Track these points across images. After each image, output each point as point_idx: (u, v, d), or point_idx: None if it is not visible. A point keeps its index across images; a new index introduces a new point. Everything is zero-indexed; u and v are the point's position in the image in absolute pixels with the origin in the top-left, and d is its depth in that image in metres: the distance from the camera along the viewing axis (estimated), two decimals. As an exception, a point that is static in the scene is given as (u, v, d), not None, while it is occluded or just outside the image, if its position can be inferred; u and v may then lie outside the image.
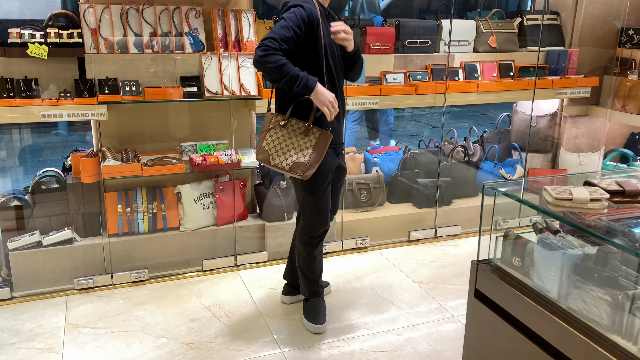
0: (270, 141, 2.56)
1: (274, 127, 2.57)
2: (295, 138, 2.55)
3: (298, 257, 2.88)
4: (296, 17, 2.44)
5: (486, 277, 1.95)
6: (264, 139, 2.58)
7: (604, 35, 4.37)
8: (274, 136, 2.56)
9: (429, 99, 3.92)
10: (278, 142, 2.56)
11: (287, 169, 2.54)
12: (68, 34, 3.07)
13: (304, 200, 2.75)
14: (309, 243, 2.81)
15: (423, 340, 2.82)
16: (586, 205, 1.71)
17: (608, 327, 1.58)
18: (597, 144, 4.55)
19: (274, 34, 2.39)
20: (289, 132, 2.56)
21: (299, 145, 2.54)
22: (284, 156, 2.54)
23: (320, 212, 2.75)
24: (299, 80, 2.41)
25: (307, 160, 2.52)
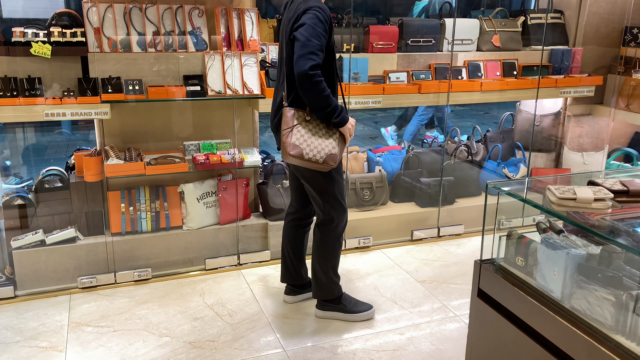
0: (300, 136, 2.55)
1: (299, 123, 2.56)
2: (321, 131, 2.57)
3: (326, 257, 2.85)
4: (322, 23, 2.46)
5: (489, 277, 1.95)
6: (291, 135, 2.56)
7: (608, 34, 4.35)
8: (302, 131, 2.56)
9: (432, 98, 3.91)
10: (308, 136, 2.56)
11: (322, 161, 2.56)
12: (71, 33, 3.07)
13: (327, 194, 2.74)
14: (339, 235, 2.85)
15: (426, 340, 2.82)
16: (590, 205, 1.70)
17: (612, 327, 1.57)
18: (600, 143, 4.53)
19: (314, 47, 2.40)
20: (314, 126, 2.57)
21: (327, 137, 2.57)
22: (317, 149, 2.55)
23: (343, 200, 2.81)
24: (337, 111, 2.52)
25: (338, 151, 2.59)
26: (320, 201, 2.77)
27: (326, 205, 2.77)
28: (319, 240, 2.85)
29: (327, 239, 2.83)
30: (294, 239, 3.01)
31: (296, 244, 3.02)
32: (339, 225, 2.83)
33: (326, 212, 2.78)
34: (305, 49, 2.40)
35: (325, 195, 2.74)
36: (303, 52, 2.39)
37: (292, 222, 3.01)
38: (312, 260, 2.90)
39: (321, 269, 2.87)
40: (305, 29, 2.42)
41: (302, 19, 2.46)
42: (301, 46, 2.40)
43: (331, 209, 2.78)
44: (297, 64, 2.40)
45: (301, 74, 2.39)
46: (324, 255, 2.85)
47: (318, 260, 2.86)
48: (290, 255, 3.03)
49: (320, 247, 2.85)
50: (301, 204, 2.97)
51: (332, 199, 2.76)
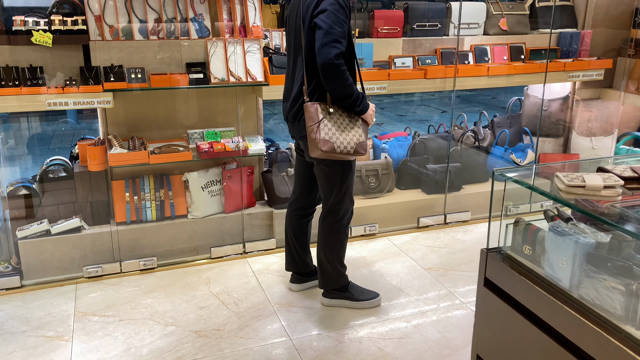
0: (328, 130, 2.51)
1: (325, 116, 2.52)
2: (345, 122, 2.55)
3: (333, 247, 2.83)
4: (343, 9, 2.43)
5: (496, 266, 1.92)
6: (319, 130, 2.50)
7: (618, 16, 4.27)
8: (329, 125, 2.52)
9: (439, 84, 3.86)
10: (335, 129, 2.52)
11: (353, 152, 2.54)
12: (72, 21, 3.04)
13: (341, 185, 2.72)
14: (346, 226, 2.84)
15: (432, 328, 2.80)
16: (599, 192, 1.66)
17: (621, 317, 1.54)
18: (610, 127, 4.47)
19: (338, 35, 2.37)
20: (338, 118, 2.54)
21: (352, 127, 2.55)
22: (346, 141, 2.53)
23: (352, 192, 2.81)
24: (360, 100, 2.52)
25: (364, 138, 2.58)
26: (331, 192, 2.74)
27: (336, 197, 2.74)
28: (325, 230, 2.82)
29: (334, 230, 2.81)
30: (298, 227, 2.99)
31: (300, 233, 3.00)
32: (345, 216, 2.81)
33: (334, 203, 2.76)
34: (328, 37, 2.35)
35: (337, 186, 2.72)
36: (326, 41, 2.35)
37: (296, 212, 2.99)
38: (318, 250, 2.88)
39: (327, 259, 2.85)
40: (327, 16, 2.37)
41: (322, 4, 2.41)
42: (324, 34, 2.35)
43: (340, 200, 2.75)
44: (321, 53, 2.36)
45: (326, 63, 2.35)
46: (330, 245, 2.83)
47: (324, 251, 2.84)
48: (295, 244, 3.01)
49: (327, 237, 2.83)
50: (306, 193, 2.94)
51: (343, 191, 2.74)
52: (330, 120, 2.51)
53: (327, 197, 2.78)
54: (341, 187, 2.72)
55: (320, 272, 2.92)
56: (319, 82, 2.54)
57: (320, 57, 2.36)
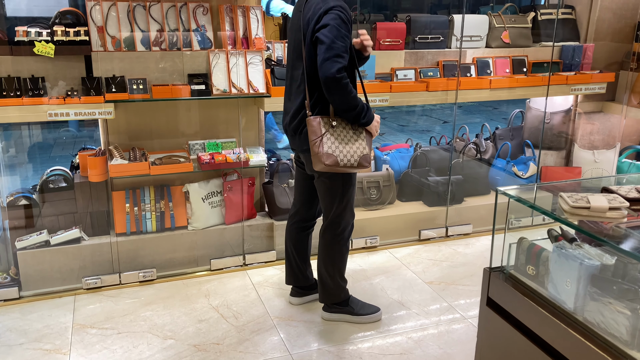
0: (331, 144, 2.50)
1: (327, 130, 2.50)
2: (349, 134, 2.53)
3: (333, 261, 2.81)
4: (345, 23, 2.41)
5: (499, 286, 1.90)
6: (322, 144, 2.48)
7: (620, 29, 4.27)
8: (332, 138, 2.50)
9: (440, 96, 3.85)
10: (338, 142, 2.51)
11: (356, 165, 2.52)
12: (75, 32, 3.03)
13: (342, 198, 2.70)
14: (347, 240, 2.82)
15: (433, 343, 2.78)
16: (605, 214, 1.65)
17: (627, 342, 1.52)
18: (612, 140, 4.45)
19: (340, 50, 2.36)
20: (341, 130, 2.52)
21: (355, 139, 2.53)
22: (350, 154, 2.51)
23: (353, 205, 2.79)
24: (364, 112, 2.50)
25: (368, 150, 2.57)
26: (332, 205, 2.72)
27: (337, 210, 2.72)
28: (325, 244, 2.81)
29: (334, 243, 2.79)
30: (298, 240, 2.98)
31: (300, 246, 2.98)
32: (346, 230, 2.79)
33: (335, 216, 2.74)
34: (330, 52, 2.34)
35: (338, 199, 2.70)
36: (328, 55, 2.34)
37: (296, 224, 2.97)
38: (318, 264, 2.86)
39: (327, 273, 2.83)
40: (330, 31, 2.36)
41: (324, 19, 2.39)
42: (326, 49, 2.34)
43: (341, 214, 2.74)
44: (323, 68, 2.35)
45: (328, 77, 2.34)
46: (330, 259, 2.81)
47: (324, 265, 2.82)
48: (295, 257, 2.99)
49: (327, 251, 2.81)
50: (306, 205, 2.93)
51: (344, 204, 2.72)
52: (333, 133, 2.50)
53: (327, 210, 2.76)
54: (342, 200, 2.71)
55: (321, 285, 2.90)
56: (321, 96, 2.53)
57: (322, 72, 2.36)
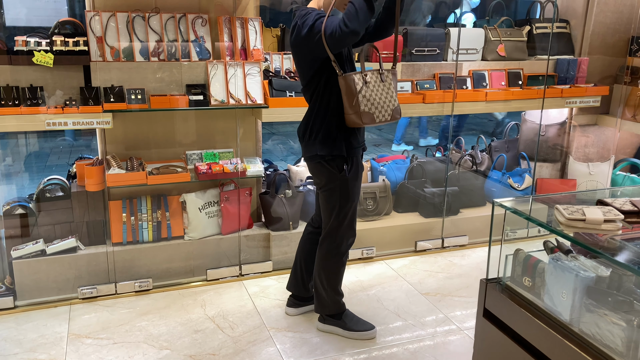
0: (366, 100, 2.49)
1: (361, 87, 2.49)
2: (381, 87, 2.53)
3: (328, 274, 2.80)
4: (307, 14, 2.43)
5: (495, 297, 1.91)
6: (358, 104, 2.47)
7: (614, 43, 4.32)
8: (368, 95, 2.50)
9: (437, 108, 3.88)
10: (372, 97, 2.51)
11: (390, 118, 2.56)
12: (74, 42, 3.05)
13: (340, 210, 2.69)
14: (343, 254, 2.80)
15: (429, 355, 2.78)
16: (600, 226, 1.66)
17: (623, 354, 1.53)
18: (606, 153, 4.49)
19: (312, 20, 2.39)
20: (373, 85, 2.52)
21: (387, 93, 2.55)
22: (384, 109, 2.53)
23: (353, 220, 2.78)
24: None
25: (398, 102, 2.59)
26: (329, 217, 2.72)
27: (334, 222, 2.72)
28: (322, 256, 2.81)
29: (330, 256, 2.78)
30: (309, 252, 2.97)
31: (309, 258, 2.97)
32: (342, 245, 2.78)
33: (331, 230, 2.74)
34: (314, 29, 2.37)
35: (336, 212, 2.70)
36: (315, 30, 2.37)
37: (310, 236, 2.97)
38: (314, 274, 2.86)
39: (321, 284, 2.83)
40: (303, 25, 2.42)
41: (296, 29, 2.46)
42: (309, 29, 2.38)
43: (337, 228, 2.73)
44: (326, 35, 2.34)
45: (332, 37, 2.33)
46: (325, 271, 2.81)
47: (319, 276, 2.82)
48: (302, 267, 2.99)
49: (322, 263, 2.81)
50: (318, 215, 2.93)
51: (341, 218, 2.71)
52: (366, 89, 2.50)
53: (325, 222, 2.77)
54: (338, 215, 2.70)
55: (316, 296, 2.90)
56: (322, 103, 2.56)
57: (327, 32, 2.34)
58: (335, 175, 2.62)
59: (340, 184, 2.64)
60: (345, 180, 2.64)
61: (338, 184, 2.63)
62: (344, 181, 2.64)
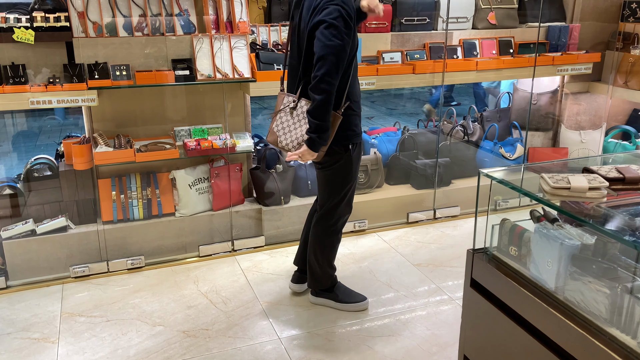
0: (280, 122, 2.51)
1: (284, 109, 2.50)
2: (304, 119, 2.47)
3: (323, 251, 2.81)
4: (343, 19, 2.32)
5: (482, 267, 1.92)
6: (274, 120, 2.55)
7: (606, 9, 4.26)
8: (284, 118, 2.51)
9: (427, 79, 3.84)
10: (287, 124, 2.51)
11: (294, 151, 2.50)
12: (55, 18, 2.99)
13: (340, 191, 2.69)
14: (339, 231, 2.82)
15: (421, 325, 2.80)
16: (585, 194, 1.66)
17: (606, 320, 1.54)
18: (598, 121, 4.47)
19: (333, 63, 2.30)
20: (299, 114, 2.49)
21: (305, 127, 2.47)
22: (291, 138, 2.50)
23: (352, 198, 2.78)
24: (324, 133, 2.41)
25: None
26: (330, 196, 2.72)
27: (332, 202, 2.72)
28: (318, 233, 2.80)
29: (327, 234, 2.79)
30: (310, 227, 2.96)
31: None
32: (340, 221, 2.79)
33: (330, 208, 2.74)
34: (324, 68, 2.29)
35: (336, 193, 2.70)
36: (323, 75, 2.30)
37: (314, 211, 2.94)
38: (309, 251, 2.86)
39: (316, 261, 2.84)
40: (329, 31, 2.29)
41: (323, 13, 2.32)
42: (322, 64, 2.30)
43: (336, 206, 2.73)
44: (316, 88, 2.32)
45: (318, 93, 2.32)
46: (320, 249, 2.81)
47: (314, 252, 2.83)
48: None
49: (319, 240, 2.81)
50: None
51: (341, 198, 2.72)
52: (289, 113, 2.51)
53: (324, 200, 2.76)
54: (339, 193, 2.71)
55: (310, 272, 2.91)
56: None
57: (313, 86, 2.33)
58: (340, 155, 2.60)
59: (344, 163, 2.63)
60: (349, 160, 2.63)
61: (342, 163, 2.63)
62: (349, 161, 2.63)
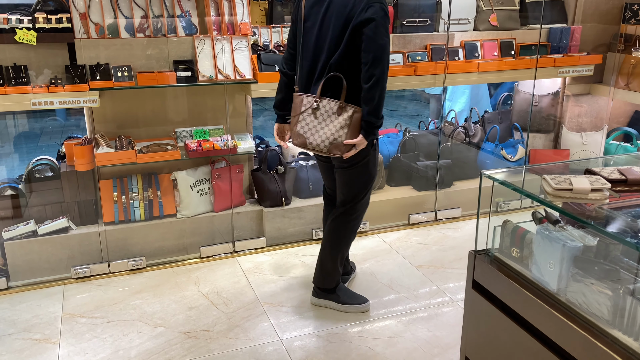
0: (305, 124, 2.49)
1: (306, 110, 2.49)
2: (329, 119, 2.48)
3: (340, 245, 2.81)
4: (387, 19, 2.42)
5: (484, 269, 1.91)
6: (297, 123, 2.51)
7: (607, 11, 4.26)
8: (308, 119, 2.49)
9: (429, 80, 3.84)
10: (313, 124, 2.49)
11: (326, 151, 2.50)
12: (57, 19, 2.99)
13: (368, 184, 2.72)
14: (359, 226, 2.85)
15: (422, 326, 2.80)
16: (587, 195, 1.66)
17: (608, 321, 1.54)
18: (600, 122, 4.47)
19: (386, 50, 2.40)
20: (322, 114, 2.49)
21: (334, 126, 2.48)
22: (321, 138, 2.49)
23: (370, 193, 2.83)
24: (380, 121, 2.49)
25: (344, 139, 2.49)
26: (355, 195, 2.73)
27: (358, 197, 2.73)
28: (337, 228, 2.79)
29: (346, 229, 2.80)
30: None
31: None
32: (360, 217, 2.82)
33: (354, 204, 2.75)
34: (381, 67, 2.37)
35: (362, 190, 2.72)
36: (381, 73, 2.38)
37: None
38: (323, 246, 2.84)
39: (331, 256, 2.82)
40: (380, 30, 2.36)
41: (366, 14, 2.36)
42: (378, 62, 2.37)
43: (359, 202, 2.75)
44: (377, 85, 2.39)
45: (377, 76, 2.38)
46: (338, 244, 2.81)
47: (331, 248, 2.81)
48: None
49: (338, 235, 2.80)
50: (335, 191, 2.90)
51: (364, 194, 2.74)
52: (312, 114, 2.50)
53: (348, 198, 2.75)
54: (365, 189, 2.73)
55: (320, 268, 2.88)
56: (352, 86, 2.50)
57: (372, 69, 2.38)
58: (367, 151, 2.60)
59: (371, 158, 2.65)
60: (374, 155, 2.67)
61: (369, 159, 2.64)
62: (374, 156, 2.66)
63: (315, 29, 2.52)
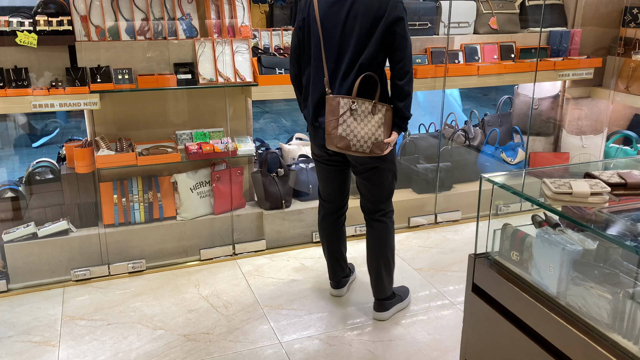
0: (346, 126, 2.48)
1: (345, 112, 2.48)
2: (366, 119, 2.49)
3: (393, 248, 2.80)
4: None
5: (484, 272, 1.91)
6: (337, 126, 2.47)
7: (607, 14, 4.27)
8: (348, 121, 2.48)
9: (429, 83, 3.84)
10: (354, 126, 2.49)
11: (368, 151, 2.50)
12: (58, 22, 3.00)
13: (394, 179, 2.75)
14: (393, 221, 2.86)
15: (422, 329, 2.80)
16: (586, 199, 1.66)
17: (608, 325, 1.54)
18: (599, 126, 4.47)
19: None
20: (359, 114, 2.49)
21: (372, 125, 2.50)
22: (363, 139, 2.49)
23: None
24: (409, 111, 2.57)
25: (383, 138, 2.52)
26: (388, 195, 2.75)
27: (389, 195, 2.76)
28: (386, 233, 2.77)
29: (391, 229, 2.80)
30: (339, 237, 2.96)
31: (342, 238, 2.98)
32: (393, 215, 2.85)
33: (388, 204, 2.77)
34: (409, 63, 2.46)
35: (391, 183, 2.74)
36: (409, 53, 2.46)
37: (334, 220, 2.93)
38: (377, 259, 2.78)
39: (385, 265, 2.79)
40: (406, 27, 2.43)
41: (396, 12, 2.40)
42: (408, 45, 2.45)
43: (390, 200, 2.78)
44: (408, 62, 2.46)
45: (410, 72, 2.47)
46: (391, 246, 2.80)
47: (386, 256, 2.78)
48: (340, 252, 2.99)
49: (387, 240, 2.78)
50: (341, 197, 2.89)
51: (393, 190, 2.77)
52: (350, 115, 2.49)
53: (382, 199, 2.75)
54: (393, 184, 2.76)
55: (378, 281, 2.82)
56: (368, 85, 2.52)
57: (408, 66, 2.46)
58: (393, 151, 2.65)
59: (393, 155, 2.68)
60: (394, 151, 2.69)
61: (392, 158, 2.67)
62: (393, 152, 2.69)
63: (338, 29, 2.49)
